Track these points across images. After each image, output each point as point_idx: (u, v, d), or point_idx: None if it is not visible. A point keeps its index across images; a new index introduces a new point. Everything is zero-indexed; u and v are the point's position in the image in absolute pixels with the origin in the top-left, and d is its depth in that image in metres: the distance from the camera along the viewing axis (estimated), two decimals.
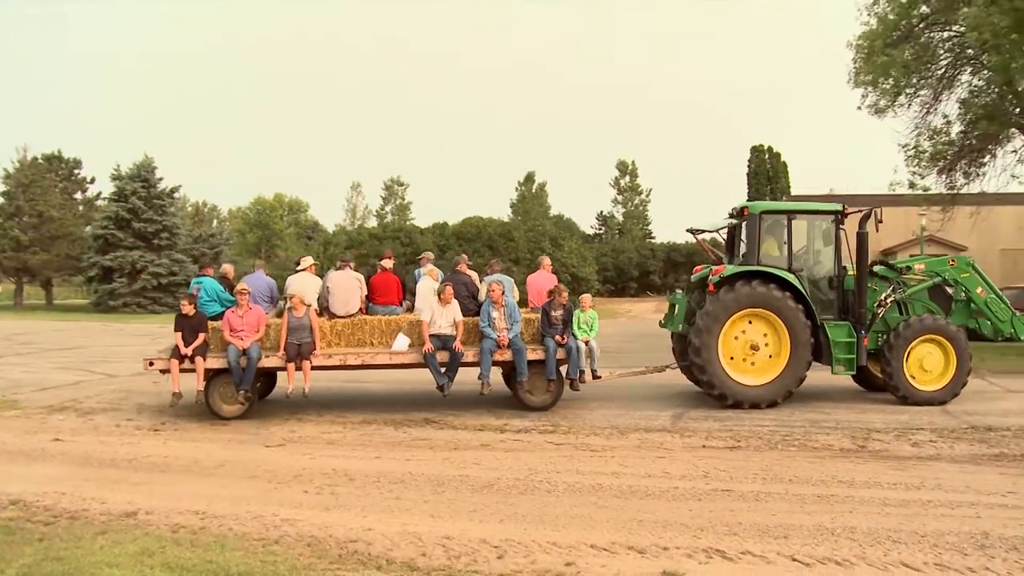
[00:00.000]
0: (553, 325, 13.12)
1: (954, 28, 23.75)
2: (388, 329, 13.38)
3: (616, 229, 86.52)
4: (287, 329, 12.70)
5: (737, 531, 6.90)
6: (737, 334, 13.51)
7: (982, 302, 14.49)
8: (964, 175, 26.33)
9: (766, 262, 13.74)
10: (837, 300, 14.13)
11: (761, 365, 13.48)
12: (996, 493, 8.18)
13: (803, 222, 14.36)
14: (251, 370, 12.48)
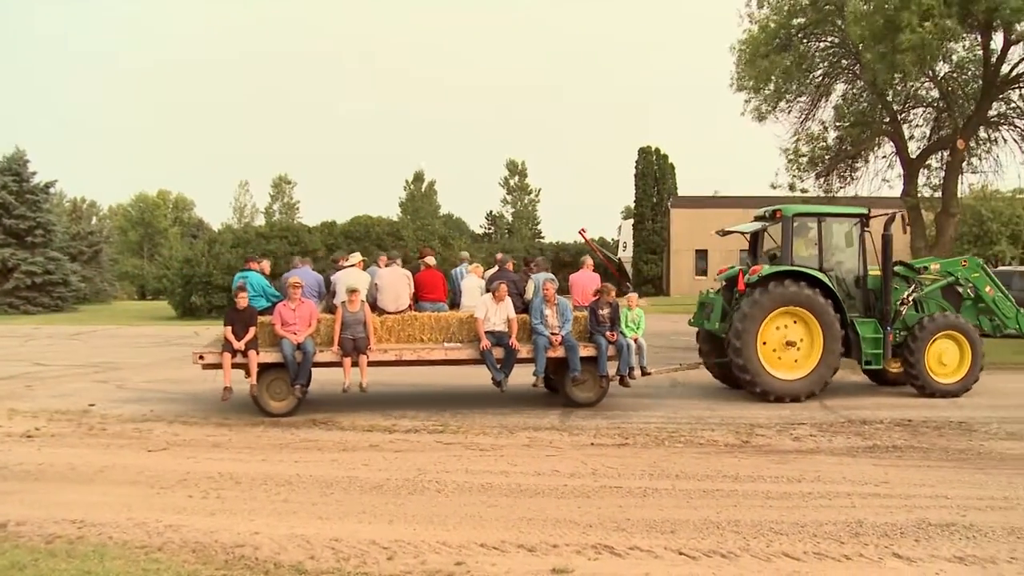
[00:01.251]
0: (601, 323, 13.34)
1: (829, 39, 24.63)
2: (437, 326, 13.41)
3: (505, 229, 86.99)
4: (341, 324, 12.68)
5: (625, 527, 6.99)
6: (773, 332, 14.08)
7: (990, 300, 15.56)
8: (840, 179, 27.38)
9: (797, 262, 14.35)
10: (862, 298, 14.87)
11: (795, 360, 14.08)
12: (870, 483, 8.51)
13: (831, 224, 15.02)
14: (307, 364, 12.50)
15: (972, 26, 22.08)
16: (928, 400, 14.09)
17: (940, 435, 11.12)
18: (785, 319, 14.08)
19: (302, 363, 12.47)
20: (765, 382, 13.85)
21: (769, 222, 15.14)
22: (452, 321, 13.42)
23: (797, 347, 14.07)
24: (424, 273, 14.24)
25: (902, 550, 6.43)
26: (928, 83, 25.14)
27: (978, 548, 6.49)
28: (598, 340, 13.19)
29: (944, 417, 12.43)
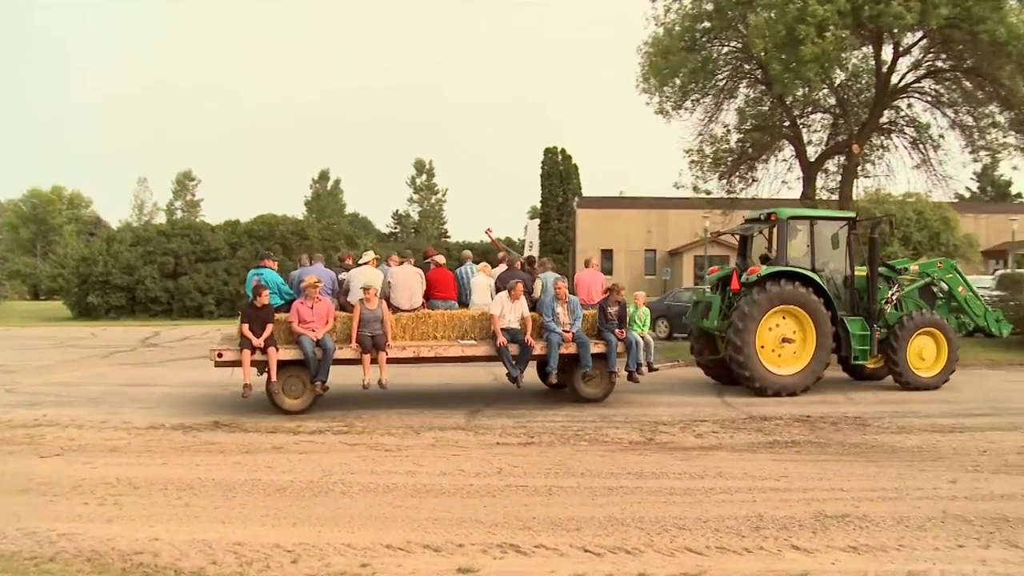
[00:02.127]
0: (609, 320, 13.75)
1: (733, 44, 25.16)
2: (450, 323, 13.57)
3: (412, 228, 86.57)
4: (360, 321, 12.78)
5: (531, 525, 7.02)
6: (767, 330, 14.70)
7: (962, 299, 16.66)
8: (742, 180, 27.95)
9: (790, 263, 15.04)
10: (848, 297, 15.69)
11: (791, 357, 14.78)
12: (770, 478, 8.71)
13: (821, 227, 15.65)
14: (327, 361, 12.55)
15: (865, 37, 22.84)
16: (825, 396, 14.52)
17: (836, 430, 11.46)
18: (777, 317, 14.77)
19: (322, 360, 12.53)
20: (763, 378, 14.49)
21: (763, 225, 15.88)
22: (465, 319, 13.65)
23: (791, 344, 14.77)
24: (435, 272, 14.39)
25: (800, 542, 6.60)
26: (826, 90, 25.90)
27: (870, 537, 6.70)
28: (608, 337, 13.63)
29: (840, 413, 12.81)
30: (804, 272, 14.88)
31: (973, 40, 20.67)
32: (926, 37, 22.18)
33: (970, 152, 25.62)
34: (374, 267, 14.01)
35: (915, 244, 44.23)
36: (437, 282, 14.18)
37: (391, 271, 13.95)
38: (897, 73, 23.96)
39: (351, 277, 13.75)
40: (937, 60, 24.07)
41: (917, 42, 22.94)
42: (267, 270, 13.89)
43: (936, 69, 24.31)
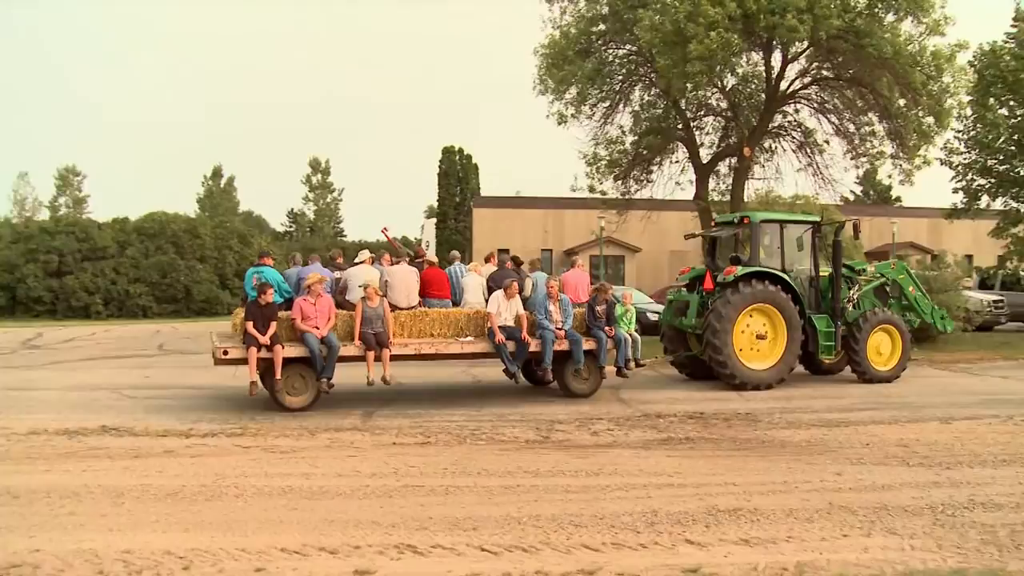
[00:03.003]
0: (598, 318, 14.42)
1: (628, 47, 25.52)
2: (446, 321, 13.95)
3: (307, 227, 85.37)
4: (362, 319, 13.02)
5: (428, 525, 6.98)
6: (744, 327, 15.51)
7: (912, 298, 17.94)
8: (636, 182, 28.39)
9: (762, 264, 15.94)
10: (814, 296, 16.59)
11: (765, 352, 15.67)
12: (664, 474, 8.85)
13: (790, 230, 16.70)
14: (332, 358, 12.71)
15: (755, 43, 23.45)
16: (719, 393, 14.86)
17: (729, 426, 11.73)
18: (758, 316, 15.70)
19: (328, 357, 12.69)
20: (740, 372, 15.30)
21: (736, 228, 16.89)
22: (460, 317, 14.05)
23: (765, 340, 15.66)
24: (429, 271, 14.74)
25: (694, 536, 6.72)
26: (718, 94, 26.51)
27: (761, 530, 6.87)
28: (598, 334, 14.27)
29: (733, 409, 13.12)
30: (775, 272, 15.80)
31: (857, 52, 21.47)
32: (813, 46, 22.89)
33: (851, 158, 26.59)
34: (370, 266, 14.31)
35: None
36: (432, 281, 14.51)
37: (388, 270, 14.22)
38: (786, 80, 24.72)
39: (349, 276, 14.05)
40: (823, 69, 24.89)
41: (804, 51, 23.67)
42: (267, 268, 14.02)
43: (822, 77, 25.14)
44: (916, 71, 21.12)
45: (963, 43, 22.05)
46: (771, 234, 16.51)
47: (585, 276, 15.90)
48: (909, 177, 24.92)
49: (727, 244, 17.48)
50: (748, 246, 16.27)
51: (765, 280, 15.61)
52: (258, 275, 13.56)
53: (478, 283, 14.68)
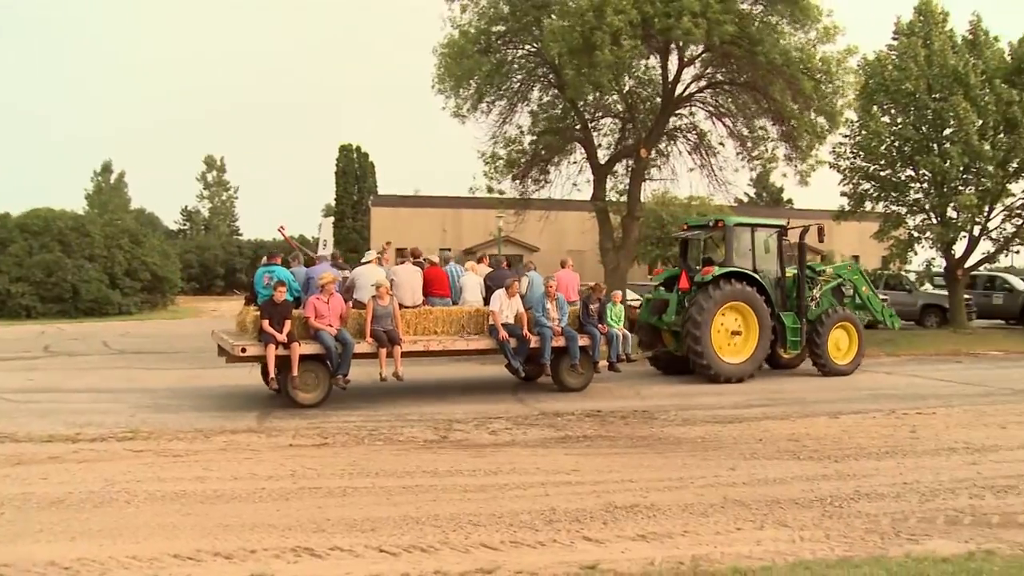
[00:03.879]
0: (591, 316, 15.22)
1: (527, 47, 25.61)
2: (449, 318, 14.44)
3: (202, 225, 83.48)
4: (372, 316, 13.35)
5: (325, 527, 6.90)
6: (719, 324, 16.48)
7: (865, 298, 19.27)
8: (534, 182, 28.48)
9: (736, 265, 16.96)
10: (780, 295, 17.63)
11: (739, 347, 16.71)
12: (562, 472, 8.93)
13: (759, 233, 17.75)
14: (348, 355, 12.98)
15: (654, 47, 23.82)
16: (615, 392, 15.07)
17: (626, 424, 11.89)
18: (731, 313, 16.71)
19: (343, 354, 12.96)
20: (718, 366, 16.32)
21: (711, 230, 17.97)
22: (462, 315, 14.57)
23: (740, 336, 16.72)
24: (430, 270, 15.07)
25: (592, 533, 6.80)
26: (615, 96, 26.81)
27: (658, 525, 6.99)
28: (592, 331, 15.09)
29: (629, 407, 13.31)
30: (748, 273, 16.91)
31: (750, 58, 22.01)
32: (708, 51, 23.35)
33: (745, 161, 27.22)
34: (377, 266, 14.58)
35: None
36: (434, 280, 14.90)
37: (394, 270, 14.66)
38: (681, 83, 25.12)
39: (356, 275, 14.36)
40: (717, 73, 25.42)
41: (700, 55, 24.12)
42: (278, 267, 14.35)
43: (717, 81, 25.68)
44: (805, 78, 21.73)
45: (852, 48, 22.78)
46: (742, 237, 17.52)
47: (576, 276, 16.99)
48: (804, 178, 25.64)
49: (696, 246, 18.53)
50: (722, 248, 17.50)
51: (739, 280, 16.70)
52: (270, 274, 13.91)
53: (476, 282, 15.33)
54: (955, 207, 28.06)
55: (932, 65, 27.53)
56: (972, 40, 29.07)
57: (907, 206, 29.78)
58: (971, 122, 26.26)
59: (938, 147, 27.91)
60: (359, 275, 14.26)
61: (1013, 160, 27.69)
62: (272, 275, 13.79)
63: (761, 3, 22.66)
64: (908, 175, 29.45)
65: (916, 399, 14.43)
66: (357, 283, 14.12)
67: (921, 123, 28.03)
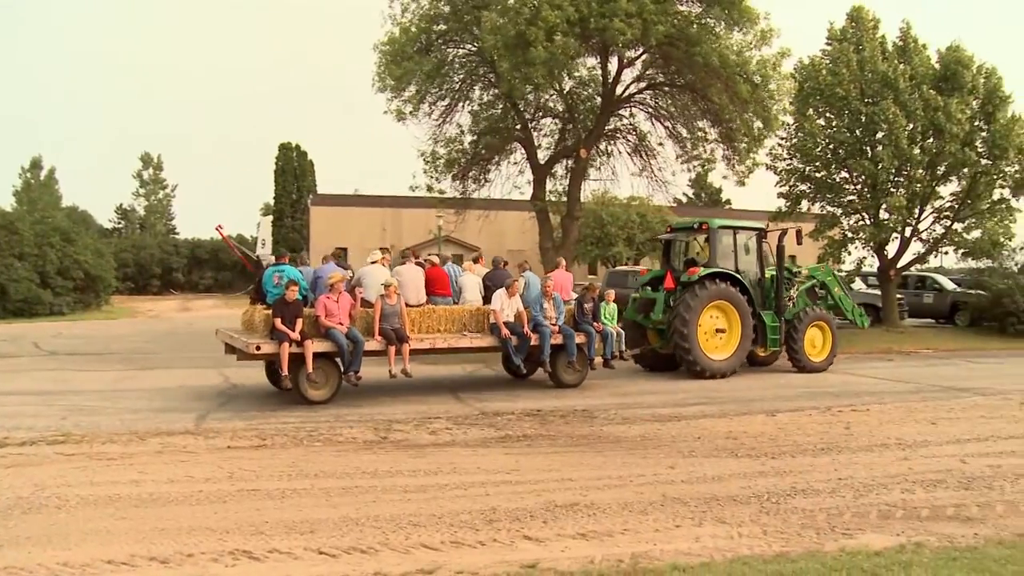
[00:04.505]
0: (585, 315, 15.78)
1: (468, 47, 25.61)
2: (451, 317, 14.92)
3: (137, 224, 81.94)
4: (381, 315, 13.71)
5: (264, 530, 6.82)
6: (704, 322, 17.16)
7: (838, 298, 20.24)
8: (475, 181, 28.51)
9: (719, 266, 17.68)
10: (760, 295, 18.32)
11: (723, 345, 17.44)
12: (502, 472, 8.94)
13: (741, 236, 18.48)
14: (359, 352, 13.28)
15: (593, 48, 23.96)
16: (556, 391, 15.12)
17: (566, 423, 11.94)
18: (714, 312, 17.40)
19: (354, 351, 13.24)
20: (704, 362, 16.99)
21: (695, 233, 18.80)
22: (464, 313, 15.09)
23: (724, 334, 17.45)
24: (432, 270, 15.48)
25: (532, 532, 6.82)
26: (556, 96, 26.93)
27: (598, 524, 7.03)
28: (587, 329, 15.66)
29: (569, 406, 13.36)
30: (731, 273, 17.64)
31: (688, 60, 22.25)
32: (647, 52, 23.56)
33: (684, 162, 27.51)
34: (382, 266, 14.99)
35: (639, 245, 47.09)
36: (435, 280, 15.33)
37: (398, 270, 15.12)
38: (621, 84, 25.35)
39: (363, 274, 14.69)
40: (657, 75, 25.66)
41: (639, 56, 24.34)
42: (288, 266, 14.58)
43: (656, 83, 25.91)
44: (742, 81, 22.03)
45: (786, 51, 23.15)
46: (725, 239, 18.24)
47: (570, 276, 17.61)
48: (741, 179, 26.00)
49: (678, 247, 19.28)
50: (706, 249, 18.26)
51: (726, 280, 17.48)
52: (279, 273, 14.13)
53: (475, 282, 15.81)
54: (887, 208, 28.70)
55: (864, 70, 28.13)
56: (902, 47, 29.78)
57: (842, 207, 30.39)
58: (901, 126, 26.89)
59: (870, 150, 28.52)
60: (366, 275, 14.65)
61: (940, 164, 28.44)
62: (282, 275, 14.04)
63: (699, 5, 22.91)
64: (842, 177, 30.07)
65: (851, 396, 14.72)
66: (364, 282, 14.47)
67: (854, 126, 28.60)
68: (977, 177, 29.15)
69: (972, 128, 28.47)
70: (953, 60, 29.03)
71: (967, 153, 27.91)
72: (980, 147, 28.95)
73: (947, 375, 18.36)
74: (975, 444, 10.62)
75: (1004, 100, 29.10)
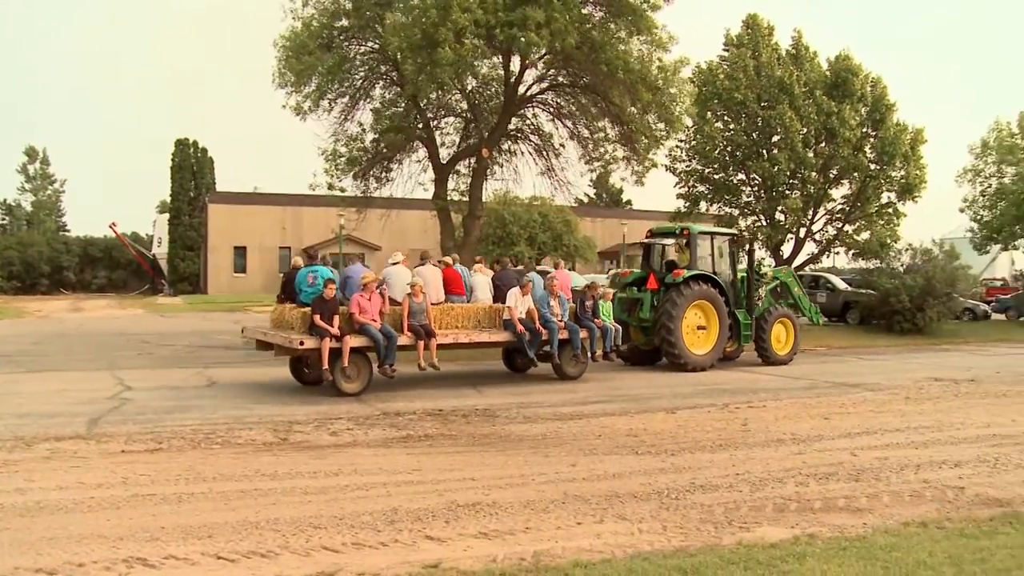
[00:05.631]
0: (586, 312, 17.08)
1: (369, 44, 25.37)
2: (467, 314, 16.08)
3: (24, 220, 78.99)
4: (409, 312, 14.78)
5: (160, 536, 6.64)
6: (687, 319, 18.69)
7: (797, 297, 22.39)
8: (376, 180, 28.25)
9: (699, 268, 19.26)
10: (733, 295, 19.79)
11: (703, 341, 19.00)
12: (404, 472, 8.89)
13: (717, 240, 20.22)
14: (392, 346, 14.38)
15: (496, 48, 23.99)
16: (457, 390, 15.12)
17: (467, 422, 11.94)
18: (695, 310, 18.90)
19: (388, 346, 14.27)
20: (687, 357, 18.51)
21: (677, 238, 20.10)
22: (478, 311, 16.26)
23: (704, 330, 19.01)
24: (447, 271, 16.53)
25: (434, 532, 6.80)
26: (458, 95, 26.87)
27: (499, 523, 7.05)
28: (589, 325, 16.92)
29: (471, 406, 13.37)
30: (710, 275, 19.23)
31: (591, 63, 22.47)
32: (550, 54, 23.69)
33: (586, 162, 27.76)
34: (404, 267, 15.97)
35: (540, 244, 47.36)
36: (451, 280, 16.40)
37: (418, 270, 15.99)
38: (524, 84, 25.40)
39: (388, 275, 15.59)
40: (559, 76, 25.82)
41: (542, 57, 24.45)
42: (321, 267, 15.48)
43: (558, 84, 26.08)
44: (642, 87, 22.34)
45: (684, 59, 23.60)
46: (704, 244, 19.81)
47: (569, 276, 19.06)
48: (640, 179, 26.33)
49: (657, 251, 20.68)
50: (687, 253, 19.58)
51: (707, 282, 19.06)
52: (314, 274, 14.93)
53: (485, 282, 16.95)
54: (782, 210, 29.52)
55: (760, 76, 28.88)
56: (795, 54, 30.67)
57: (739, 208, 31.16)
58: (796, 130, 27.72)
59: (767, 153, 29.32)
60: (390, 275, 15.57)
61: (833, 167, 29.41)
62: (316, 275, 14.86)
63: (602, 11, 23.14)
64: (740, 179, 30.86)
65: (748, 393, 15.11)
66: (388, 282, 15.32)
67: (751, 130, 29.37)
68: (866, 181, 30.26)
69: (862, 134, 29.53)
70: (843, 68, 30.09)
71: (858, 158, 28.94)
72: (869, 152, 30.05)
73: (839, 372, 19.02)
74: (865, 437, 11.02)
75: (890, 108, 30.30)
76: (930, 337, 28.68)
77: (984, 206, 37.92)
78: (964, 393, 15.59)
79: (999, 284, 51.76)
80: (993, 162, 37.60)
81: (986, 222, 37.72)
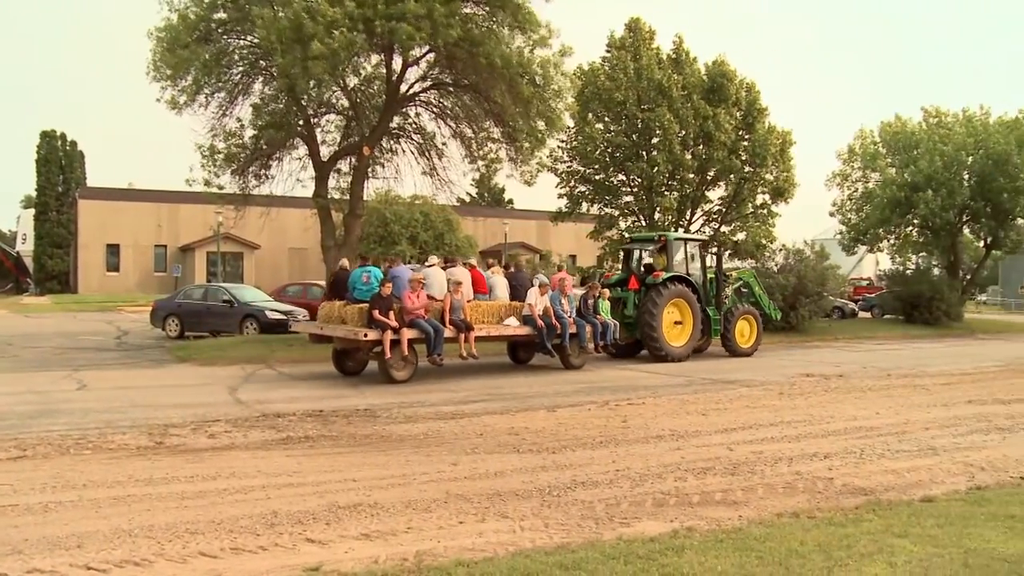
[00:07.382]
0: (589, 309, 19.31)
1: (248, 38, 24.83)
2: (491, 311, 18.09)
3: None
4: (451, 308, 16.60)
5: (23, 548, 6.34)
6: (665, 315, 20.92)
7: (758, 296, 24.74)
8: (256, 177, 27.66)
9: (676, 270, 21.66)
10: (704, 293, 22.23)
11: (679, 335, 21.32)
12: (284, 474, 8.75)
13: (690, 246, 22.84)
14: (440, 338, 16.24)
15: (378, 45, 23.76)
16: (338, 391, 14.99)
17: (348, 423, 11.82)
18: (672, 308, 21.13)
19: (436, 338, 16.14)
20: (667, 349, 20.80)
21: (656, 243, 22.40)
22: (500, 308, 18.28)
23: (681, 325, 21.32)
24: (473, 272, 18.60)
25: (314, 534, 6.70)
26: (339, 92, 26.52)
27: (381, 523, 7.00)
28: (592, 321, 19.14)
29: (352, 406, 13.24)
30: (685, 276, 21.61)
31: (472, 60, 22.47)
32: (433, 52, 23.61)
33: (469, 162, 27.78)
34: (440, 268, 17.88)
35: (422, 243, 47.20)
36: (476, 281, 18.34)
37: (452, 271, 17.89)
38: (406, 82, 25.25)
39: (427, 275, 17.22)
40: (442, 75, 25.75)
41: (424, 55, 24.35)
42: (373, 268, 17.37)
43: (441, 82, 26.01)
44: (524, 83, 22.47)
45: (567, 49, 23.72)
46: (679, 248, 22.26)
47: (569, 276, 20.94)
48: (529, 180, 26.49)
49: (636, 255, 23.49)
50: (664, 257, 21.71)
51: (683, 282, 21.39)
52: (368, 274, 16.82)
53: (503, 282, 18.89)
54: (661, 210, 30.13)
55: (641, 78, 29.41)
56: (675, 58, 31.36)
57: (619, 208, 31.67)
58: (674, 132, 28.36)
59: (646, 154, 29.87)
60: (429, 275, 17.27)
61: (710, 169, 30.19)
62: (370, 274, 16.77)
63: (484, 8, 23.18)
64: (620, 179, 31.36)
65: (628, 391, 15.39)
66: (427, 281, 16.87)
67: (631, 131, 29.90)
68: (741, 183, 31.18)
69: (737, 137, 30.42)
70: (719, 73, 30.93)
71: (733, 160, 29.77)
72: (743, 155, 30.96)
73: (716, 369, 19.55)
74: (740, 432, 11.36)
75: (762, 112, 31.32)
76: (802, 334, 29.71)
77: (851, 209, 39.49)
78: (833, 388, 16.25)
79: (865, 284, 54.24)
80: (859, 167, 39.21)
81: (853, 224, 39.25)
